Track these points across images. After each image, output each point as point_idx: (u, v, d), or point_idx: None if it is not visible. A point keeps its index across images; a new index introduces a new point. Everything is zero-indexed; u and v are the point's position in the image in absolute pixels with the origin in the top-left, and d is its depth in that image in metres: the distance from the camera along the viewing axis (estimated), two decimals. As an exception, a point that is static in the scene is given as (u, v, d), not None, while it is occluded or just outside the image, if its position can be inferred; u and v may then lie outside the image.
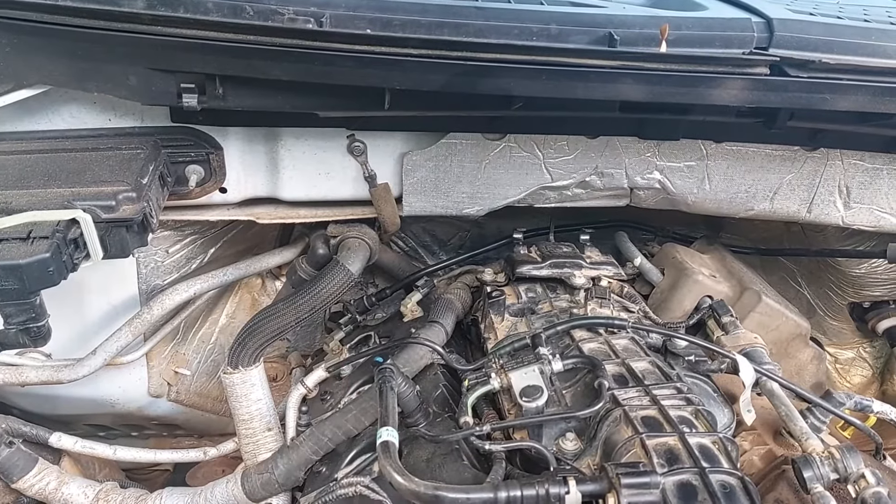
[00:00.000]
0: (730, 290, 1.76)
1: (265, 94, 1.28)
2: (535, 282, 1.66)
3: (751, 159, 1.64)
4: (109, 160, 1.31)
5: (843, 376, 2.28)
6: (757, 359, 1.44)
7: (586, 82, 1.23)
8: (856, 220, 1.71)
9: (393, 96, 1.28)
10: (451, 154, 1.56)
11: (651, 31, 1.24)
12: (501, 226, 2.00)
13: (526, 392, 1.19)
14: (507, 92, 1.25)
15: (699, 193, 1.67)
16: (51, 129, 1.39)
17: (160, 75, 1.22)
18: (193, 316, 1.84)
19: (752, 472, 1.31)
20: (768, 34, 1.30)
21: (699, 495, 0.96)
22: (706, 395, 1.34)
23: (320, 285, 1.52)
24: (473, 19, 1.21)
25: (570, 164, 1.61)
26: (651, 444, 1.04)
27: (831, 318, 2.21)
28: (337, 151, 1.54)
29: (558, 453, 1.14)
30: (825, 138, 1.58)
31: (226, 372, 1.49)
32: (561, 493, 0.99)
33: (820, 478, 1.11)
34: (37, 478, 1.45)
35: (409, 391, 1.32)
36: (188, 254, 1.73)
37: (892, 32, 1.39)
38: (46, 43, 1.19)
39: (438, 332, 1.55)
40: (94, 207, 1.19)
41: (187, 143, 1.43)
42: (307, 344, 2.06)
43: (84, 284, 1.60)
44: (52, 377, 1.56)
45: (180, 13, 1.13)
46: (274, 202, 1.61)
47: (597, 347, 1.35)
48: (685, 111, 1.39)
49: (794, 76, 1.28)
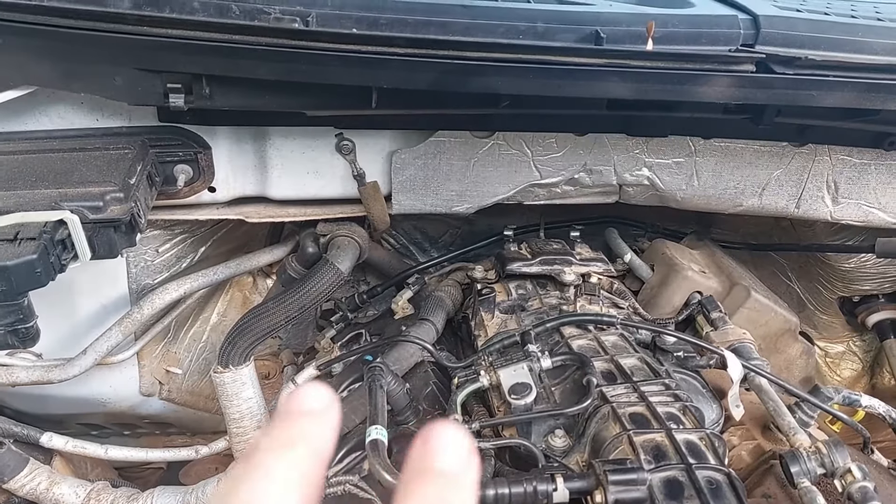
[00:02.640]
0: (719, 285, 1.76)
1: (252, 94, 1.27)
2: (525, 279, 1.66)
3: (739, 155, 1.64)
4: (97, 160, 1.31)
5: (834, 370, 2.29)
6: (745, 354, 1.45)
7: (573, 80, 1.23)
8: (844, 216, 1.72)
9: (380, 95, 1.27)
10: (439, 152, 1.56)
11: (637, 29, 1.25)
12: (492, 223, 2.01)
13: (515, 389, 1.19)
14: (494, 90, 1.25)
15: (688, 190, 1.68)
16: (38, 129, 1.38)
17: (146, 75, 1.22)
18: (184, 315, 1.84)
19: (741, 467, 1.32)
20: (755, 31, 1.30)
21: (686, 491, 0.97)
22: (695, 390, 1.35)
23: (310, 284, 1.53)
24: (460, 18, 1.21)
25: (558, 162, 1.61)
26: (638, 441, 1.04)
27: (821, 312, 2.22)
28: (325, 150, 1.54)
29: (547, 450, 1.14)
30: (813, 134, 1.59)
31: (216, 371, 1.49)
32: (549, 490, 0.99)
33: (807, 472, 1.12)
34: (28, 478, 1.45)
35: (398, 389, 1.32)
36: (178, 253, 1.73)
37: (880, 29, 1.39)
38: (32, 44, 1.18)
39: (429, 329, 1.55)
40: (81, 208, 1.18)
41: (175, 142, 1.42)
42: (299, 342, 2.06)
43: (74, 284, 1.59)
44: (42, 377, 1.56)
45: (166, 13, 1.13)
46: (263, 201, 1.61)
47: (586, 344, 1.36)
48: (672, 108, 1.39)
49: (781, 73, 1.28)
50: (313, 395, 0.40)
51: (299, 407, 0.39)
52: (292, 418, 0.39)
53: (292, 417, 0.39)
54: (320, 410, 0.39)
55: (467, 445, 0.38)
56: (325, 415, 0.39)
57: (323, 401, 0.40)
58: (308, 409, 0.39)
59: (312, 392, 0.40)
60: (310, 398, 0.40)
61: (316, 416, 0.39)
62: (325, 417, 0.39)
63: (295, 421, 0.39)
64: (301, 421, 0.39)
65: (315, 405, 0.39)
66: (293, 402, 0.40)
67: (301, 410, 0.39)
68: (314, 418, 0.39)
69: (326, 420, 0.39)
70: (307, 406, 0.39)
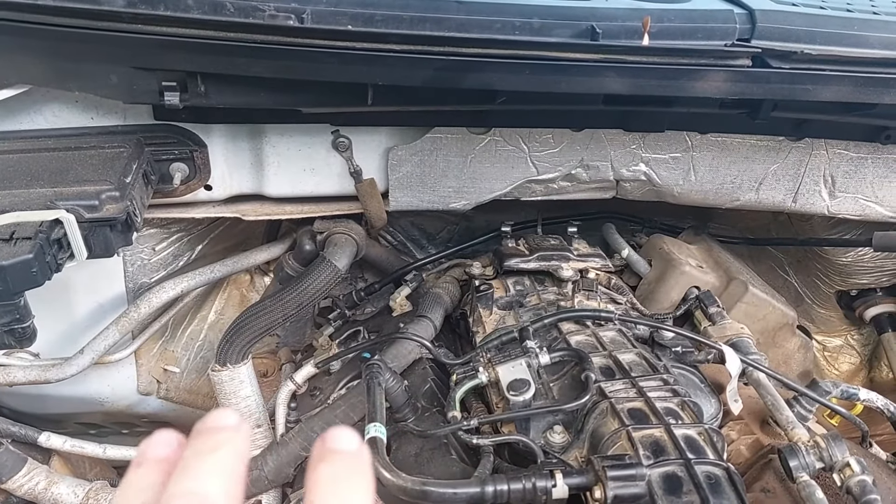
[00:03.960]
0: (717, 280, 1.76)
1: (248, 91, 1.27)
2: (523, 275, 1.66)
3: (736, 150, 1.64)
4: (92, 159, 1.30)
5: (832, 364, 2.30)
6: (743, 349, 1.45)
7: (569, 76, 1.22)
8: (841, 209, 1.72)
9: (376, 92, 1.27)
10: (436, 148, 1.56)
11: (633, 24, 1.24)
12: (489, 219, 2.00)
13: (513, 386, 1.19)
14: (490, 86, 1.24)
15: (685, 185, 1.68)
16: (33, 128, 1.37)
17: (141, 73, 1.21)
18: (182, 313, 1.84)
19: (739, 462, 1.32)
20: (750, 25, 1.30)
21: (684, 486, 0.97)
22: (693, 385, 1.35)
23: (307, 281, 1.53)
24: (455, 14, 1.20)
25: (555, 158, 1.61)
26: (637, 437, 1.04)
27: (819, 306, 2.22)
28: (322, 147, 1.54)
29: (546, 446, 1.14)
30: (809, 128, 1.59)
31: (214, 370, 1.49)
32: (548, 487, 0.99)
33: (805, 467, 1.12)
34: (26, 478, 1.44)
35: (397, 386, 1.32)
36: (175, 251, 1.72)
37: (875, 22, 1.39)
38: (26, 42, 1.18)
39: (427, 326, 1.55)
40: (77, 207, 1.18)
41: (171, 140, 1.42)
42: (297, 339, 2.06)
43: (71, 283, 1.59)
44: (39, 377, 1.56)
45: (160, 11, 1.12)
46: (260, 199, 1.61)
47: (584, 340, 1.36)
48: (669, 103, 1.39)
49: (777, 67, 1.28)
50: (224, 416, 0.45)
51: (214, 425, 0.44)
52: (210, 433, 0.44)
53: (209, 432, 0.44)
54: (233, 427, 0.44)
55: (358, 437, 0.45)
56: (237, 429, 0.44)
57: (234, 419, 0.45)
58: (222, 426, 0.44)
59: (223, 414, 0.45)
60: (221, 419, 0.45)
61: (229, 430, 0.44)
62: (238, 431, 0.44)
63: (212, 434, 0.44)
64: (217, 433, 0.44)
65: (227, 423, 0.44)
66: (207, 422, 0.44)
67: (216, 427, 0.44)
68: (228, 431, 0.44)
69: (240, 432, 0.44)
70: (220, 424, 0.44)
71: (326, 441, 0.44)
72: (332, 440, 0.44)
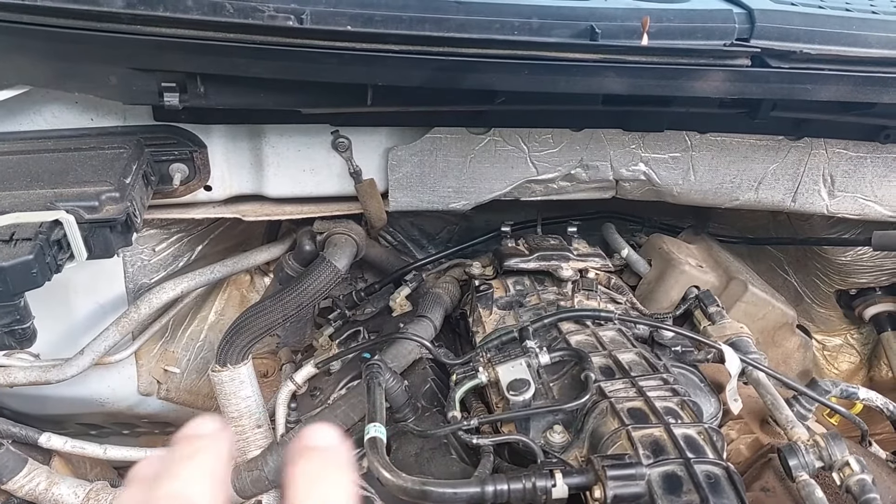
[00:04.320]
0: (716, 279, 1.77)
1: (247, 92, 1.27)
2: (522, 275, 1.67)
3: (735, 149, 1.64)
4: (92, 160, 1.30)
5: (831, 363, 2.30)
6: (743, 348, 1.45)
7: (568, 76, 1.23)
8: (840, 209, 1.72)
9: (375, 92, 1.27)
10: (435, 149, 1.56)
11: (632, 24, 1.24)
12: (489, 219, 2.00)
13: (513, 385, 1.19)
14: (490, 87, 1.24)
15: (684, 184, 1.68)
16: (32, 129, 1.37)
17: (141, 75, 1.21)
18: (182, 314, 1.84)
19: (739, 461, 1.32)
20: (749, 25, 1.30)
21: (684, 486, 0.97)
22: (693, 385, 1.35)
23: (307, 282, 1.53)
24: (455, 14, 1.20)
25: (555, 157, 1.61)
26: (637, 436, 1.04)
27: (818, 305, 2.22)
28: (321, 148, 1.54)
29: (546, 446, 1.14)
30: (809, 128, 1.59)
31: (214, 370, 1.49)
32: (547, 486, 0.99)
33: (805, 466, 1.12)
34: (27, 478, 1.44)
35: (397, 387, 1.32)
36: (175, 252, 1.73)
37: (874, 22, 1.39)
38: (26, 43, 1.18)
39: (427, 326, 1.56)
40: (77, 208, 1.18)
41: (170, 141, 1.42)
42: (297, 340, 2.06)
43: (71, 284, 1.59)
44: (40, 378, 1.56)
45: (160, 12, 1.12)
46: (259, 199, 1.61)
47: (584, 339, 1.36)
48: (668, 103, 1.39)
49: (776, 67, 1.28)
50: (204, 423, 0.46)
51: (195, 431, 0.46)
52: (191, 439, 0.45)
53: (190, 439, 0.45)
54: (213, 432, 0.46)
55: (336, 432, 0.46)
56: (217, 434, 0.46)
57: (214, 425, 0.46)
58: (202, 432, 0.46)
59: (204, 420, 0.46)
60: (202, 425, 0.46)
61: (209, 435, 0.45)
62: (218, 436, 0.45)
63: (193, 440, 0.45)
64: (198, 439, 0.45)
65: (208, 429, 0.46)
66: (188, 429, 0.46)
67: (197, 433, 0.46)
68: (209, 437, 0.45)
69: (220, 437, 0.45)
70: (201, 430, 0.46)
71: (304, 438, 0.45)
72: (309, 437, 0.45)
